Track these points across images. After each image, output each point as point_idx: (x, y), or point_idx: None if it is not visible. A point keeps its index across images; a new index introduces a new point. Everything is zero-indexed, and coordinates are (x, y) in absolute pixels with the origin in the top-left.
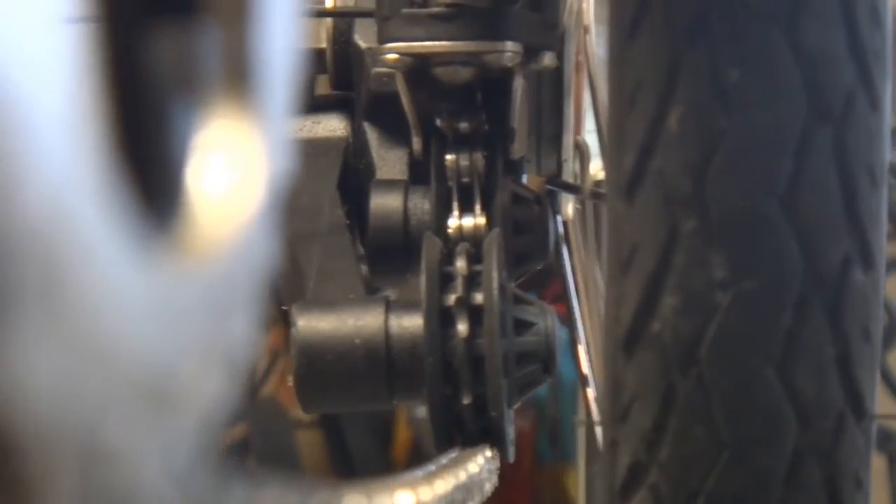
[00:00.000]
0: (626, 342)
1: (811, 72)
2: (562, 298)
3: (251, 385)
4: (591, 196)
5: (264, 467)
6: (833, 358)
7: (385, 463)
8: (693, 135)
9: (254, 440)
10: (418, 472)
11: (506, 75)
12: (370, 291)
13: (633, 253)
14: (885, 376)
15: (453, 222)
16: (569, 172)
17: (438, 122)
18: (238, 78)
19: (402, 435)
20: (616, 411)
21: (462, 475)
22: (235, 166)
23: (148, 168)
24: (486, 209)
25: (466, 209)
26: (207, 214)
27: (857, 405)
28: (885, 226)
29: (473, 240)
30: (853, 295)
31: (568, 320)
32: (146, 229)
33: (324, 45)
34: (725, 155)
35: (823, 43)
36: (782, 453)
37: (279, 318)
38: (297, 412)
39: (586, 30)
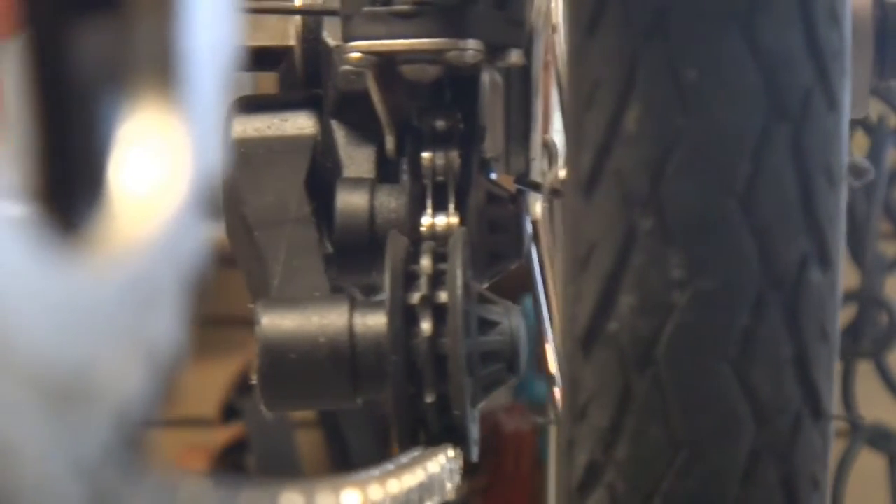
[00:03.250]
0: (583, 341)
1: (769, 71)
2: None
3: (248, 385)
4: (551, 194)
5: (263, 468)
6: (790, 358)
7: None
8: (651, 134)
9: (253, 440)
10: (374, 471)
11: (474, 73)
12: (336, 289)
13: (590, 252)
14: (885, 376)
15: (426, 221)
16: (537, 171)
17: (414, 120)
18: (161, 73)
19: None
20: (573, 410)
21: (421, 474)
22: (158, 161)
23: (69, 163)
24: (460, 208)
25: (440, 208)
26: (128, 209)
27: (815, 405)
28: (843, 225)
29: (446, 239)
30: (810, 295)
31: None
32: (63, 225)
33: (293, 42)
34: (683, 154)
35: (781, 42)
36: (739, 453)
37: None
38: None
39: (554, 29)
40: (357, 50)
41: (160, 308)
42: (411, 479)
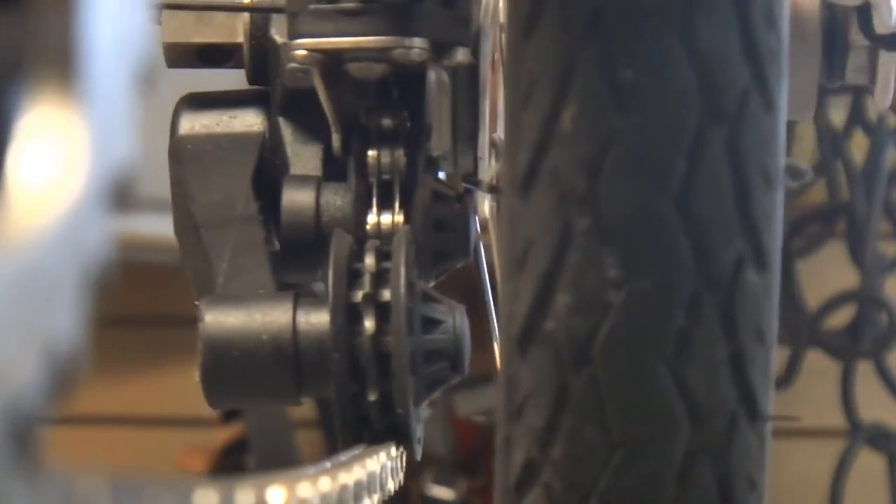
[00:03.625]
0: (519, 340)
1: (705, 72)
2: None
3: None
4: (490, 191)
5: (264, 468)
6: (726, 358)
7: None
8: (587, 133)
9: (253, 440)
10: (310, 469)
11: (420, 71)
12: (281, 287)
13: (527, 250)
14: (885, 376)
15: (371, 219)
16: (484, 170)
17: (361, 118)
18: (61, 64)
19: None
20: (510, 409)
21: (359, 472)
22: (56, 153)
23: None
24: (405, 206)
25: (386, 206)
26: (23, 201)
27: (751, 406)
28: (780, 226)
29: (391, 237)
30: (746, 295)
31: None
32: None
33: (240, 39)
34: (619, 154)
35: (718, 43)
36: (674, 453)
37: None
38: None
39: (502, 28)
40: (303, 47)
41: (57, 301)
42: (347, 476)
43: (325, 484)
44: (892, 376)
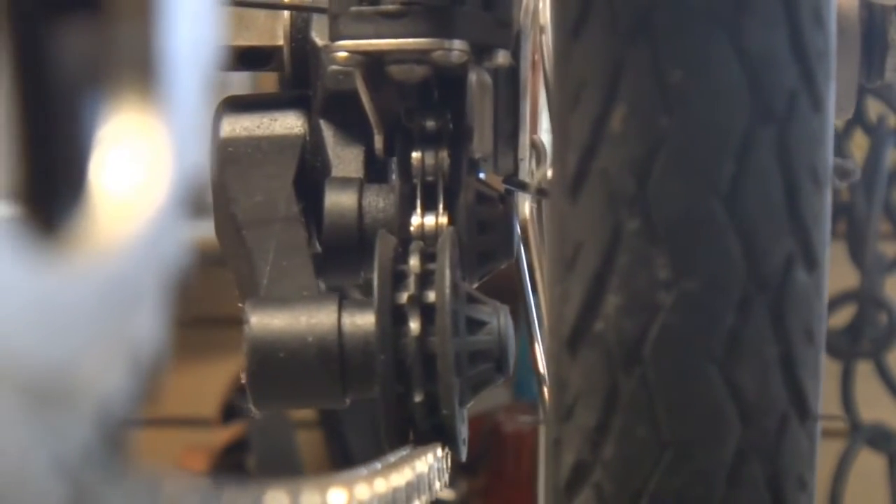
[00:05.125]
0: (569, 341)
1: (754, 72)
2: None
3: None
4: (539, 194)
5: (264, 468)
6: (776, 358)
7: None
8: (636, 134)
9: (254, 440)
10: (362, 470)
11: (461, 73)
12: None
13: (576, 252)
14: (885, 376)
15: (415, 220)
16: (525, 172)
17: (403, 120)
18: (142, 73)
19: None
20: (560, 410)
21: (409, 473)
22: (139, 161)
23: (50, 164)
24: (449, 208)
25: (430, 208)
26: (108, 209)
27: (801, 406)
28: (828, 226)
29: (435, 239)
30: (796, 295)
31: (525, 320)
32: (44, 225)
33: (281, 42)
34: (668, 155)
35: (766, 43)
36: (725, 453)
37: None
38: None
39: (542, 29)
40: (344, 49)
41: (141, 307)
42: (399, 477)
43: (381, 485)
44: (892, 376)
